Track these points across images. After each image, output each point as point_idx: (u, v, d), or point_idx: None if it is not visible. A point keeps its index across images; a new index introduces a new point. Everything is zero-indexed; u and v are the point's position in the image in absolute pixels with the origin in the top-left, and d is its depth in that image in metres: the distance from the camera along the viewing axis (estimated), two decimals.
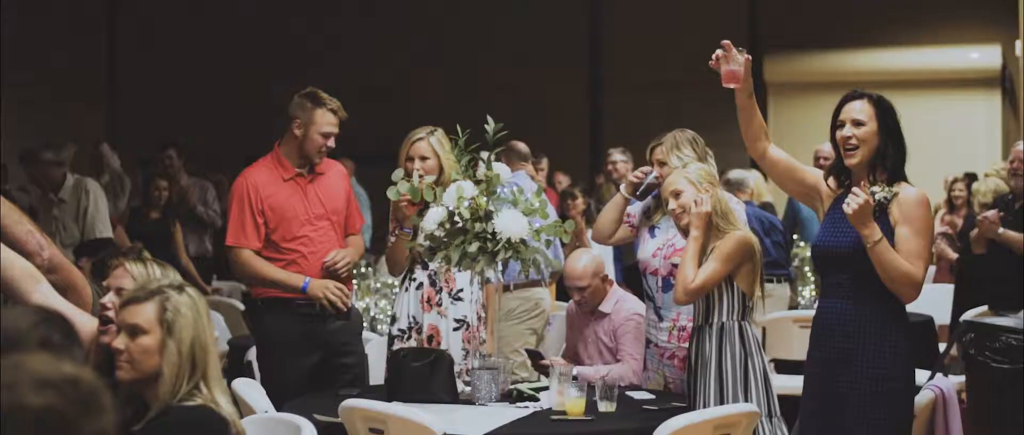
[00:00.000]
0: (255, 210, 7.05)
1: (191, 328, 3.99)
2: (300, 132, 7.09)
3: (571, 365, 6.79)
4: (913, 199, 5.55)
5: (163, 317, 3.99)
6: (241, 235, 7.07)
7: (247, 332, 10.17)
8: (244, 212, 7.07)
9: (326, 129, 7.08)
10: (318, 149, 7.11)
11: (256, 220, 7.06)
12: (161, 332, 3.98)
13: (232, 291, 12.13)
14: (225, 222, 7.92)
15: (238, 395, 6.07)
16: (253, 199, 7.07)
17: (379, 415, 5.62)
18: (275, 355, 7.12)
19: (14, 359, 2.07)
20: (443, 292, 7.00)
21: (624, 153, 11.87)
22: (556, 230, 6.57)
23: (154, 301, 4.01)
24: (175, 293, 4.03)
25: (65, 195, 10.56)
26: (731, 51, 5.91)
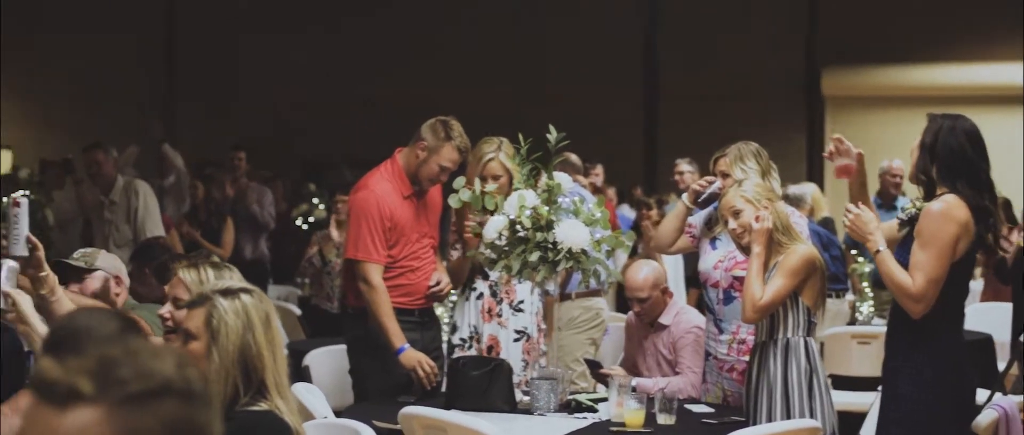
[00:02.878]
0: (383, 226, 7.03)
1: (238, 335, 3.96)
2: (422, 155, 7.07)
3: (630, 376, 6.77)
4: (931, 211, 5.57)
5: (209, 323, 3.99)
6: (371, 250, 7.02)
7: (303, 336, 10.20)
8: (373, 227, 7.03)
9: (446, 163, 7.06)
10: (431, 178, 7.10)
11: (382, 235, 7.04)
12: (208, 338, 3.97)
13: (289, 295, 12.16)
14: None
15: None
16: (380, 214, 7.04)
17: (438, 423, 5.61)
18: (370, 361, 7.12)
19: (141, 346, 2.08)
20: (503, 303, 7.01)
21: (691, 163, 11.82)
22: (617, 241, 6.56)
23: (204, 307, 4.02)
24: (224, 299, 4.01)
25: (115, 196, 10.60)
26: (843, 144, 5.95)
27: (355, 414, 6.00)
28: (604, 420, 6.15)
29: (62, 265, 5.97)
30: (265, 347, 3.99)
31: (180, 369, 2.04)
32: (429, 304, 7.24)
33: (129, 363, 2.02)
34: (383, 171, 7.18)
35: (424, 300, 7.19)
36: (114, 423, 1.97)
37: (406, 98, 8.17)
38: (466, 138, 7.10)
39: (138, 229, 10.45)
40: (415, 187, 7.16)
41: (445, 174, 7.09)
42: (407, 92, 18.22)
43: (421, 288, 7.14)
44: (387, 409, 6.09)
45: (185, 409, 2.02)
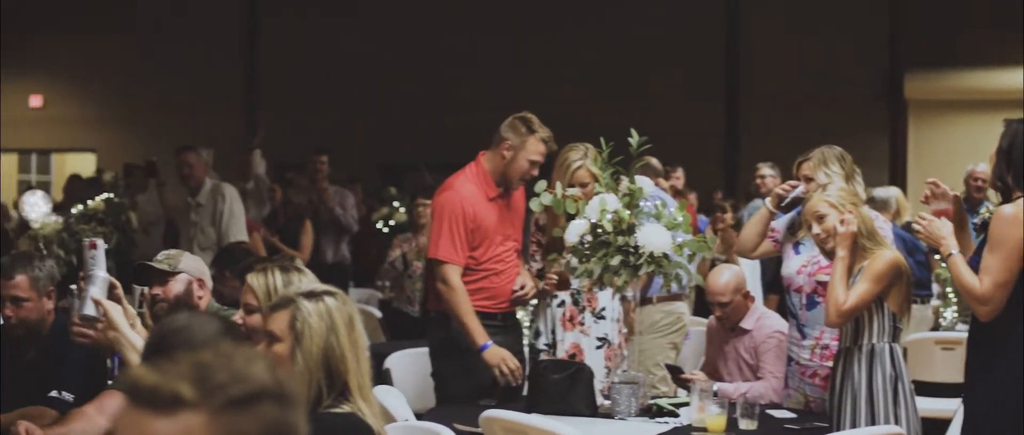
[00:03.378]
0: (466, 227, 7.04)
1: (321, 338, 3.98)
2: (508, 154, 7.08)
3: (711, 381, 6.74)
4: (1002, 215, 5.57)
5: (293, 326, 4.00)
6: (452, 251, 7.02)
7: (384, 339, 10.24)
8: (456, 228, 7.04)
9: (534, 157, 7.07)
10: (522, 175, 7.10)
11: (465, 237, 7.05)
12: (291, 340, 3.99)
13: (369, 298, 12.19)
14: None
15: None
16: (464, 215, 7.05)
17: (519, 426, 5.61)
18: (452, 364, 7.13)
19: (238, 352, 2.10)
20: (586, 311, 7.00)
21: (773, 167, 11.75)
22: (699, 245, 6.54)
23: (287, 309, 4.03)
24: (307, 302, 4.03)
25: (202, 199, 10.69)
26: (939, 188, 5.99)
27: (436, 417, 6.02)
28: (685, 425, 6.14)
29: (145, 268, 6.02)
30: (348, 349, 4.01)
31: (273, 372, 2.07)
32: (512, 308, 7.23)
33: (225, 368, 2.05)
34: (467, 173, 7.18)
35: (507, 304, 7.19)
36: (216, 427, 2.00)
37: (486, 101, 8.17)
38: (548, 130, 7.11)
39: (223, 233, 10.53)
40: (500, 189, 7.16)
41: (535, 167, 7.09)
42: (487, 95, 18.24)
43: (505, 292, 7.13)
44: (468, 412, 6.09)
45: (281, 411, 2.05)
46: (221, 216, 10.61)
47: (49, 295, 6.05)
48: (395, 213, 14.34)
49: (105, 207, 10.09)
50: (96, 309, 4.65)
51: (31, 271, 5.98)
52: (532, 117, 7.13)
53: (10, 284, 5.94)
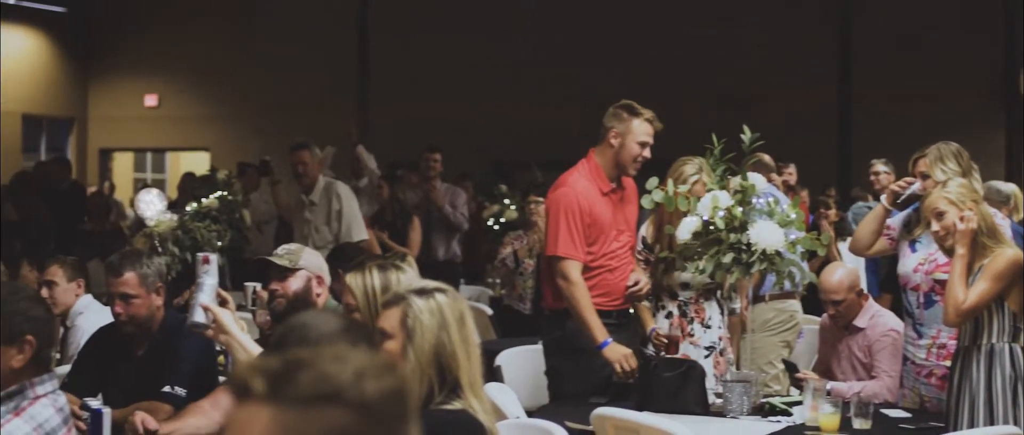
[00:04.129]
0: (582, 222, 7.03)
1: (433, 335, 3.98)
2: (617, 142, 7.05)
3: (824, 380, 6.67)
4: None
5: (405, 323, 4.01)
6: (571, 247, 7.01)
7: (495, 337, 10.24)
8: (573, 223, 7.03)
9: (643, 138, 7.04)
10: (634, 158, 7.06)
11: (582, 232, 7.03)
12: (403, 337, 4.00)
13: (480, 295, 12.21)
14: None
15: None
16: (580, 210, 7.04)
17: (631, 424, 5.59)
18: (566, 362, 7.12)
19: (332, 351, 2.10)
20: (695, 322, 6.97)
21: (887, 164, 11.61)
22: (812, 242, 6.47)
23: (399, 307, 4.04)
24: (419, 299, 4.03)
25: (316, 197, 10.75)
26: None
27: (547, 414, 6.01)
28: (798, 424, 6.08)
29: (265, 263, 6.05)
30: (459, 346, 4.01)
31: (359, 379, 2.04)
32: (627, 305, 7.19)
33: (310, 367, 2.04)
34: (581, 169, 7.16)
35: (622, 300, 7.15)
36: (275, 422, 2.01)
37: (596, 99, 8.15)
38: (651, 111, 7.07)
39: (343, 232, 10.57)
40: (613, 184, 7.13)
41: (646, 149, 7.04)
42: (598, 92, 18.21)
43: (619, 288, 7.10)
44: (579, 410, 6.08)
45: (352, 420, 2.02)
46: (337, 215, 10.66)
47: (158, 292, 6.10)
48: (506, 210, 14.34)
49: (219, 205, 10.17)
50: (205, 316, 4.69)
51: (140, 268, 6.03)
52: (632, 102, 7.10)
53: (119, 281, 6.00)
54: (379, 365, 2.08)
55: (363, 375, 2.04)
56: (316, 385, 2.02)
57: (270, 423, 2.01)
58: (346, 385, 2.03)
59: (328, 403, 2.01)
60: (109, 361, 6.08)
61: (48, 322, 4.17)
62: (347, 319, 3.51)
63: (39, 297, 4.33)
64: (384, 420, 2.05)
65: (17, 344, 4.06)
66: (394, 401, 2.06)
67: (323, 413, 2.01)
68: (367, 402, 2.03)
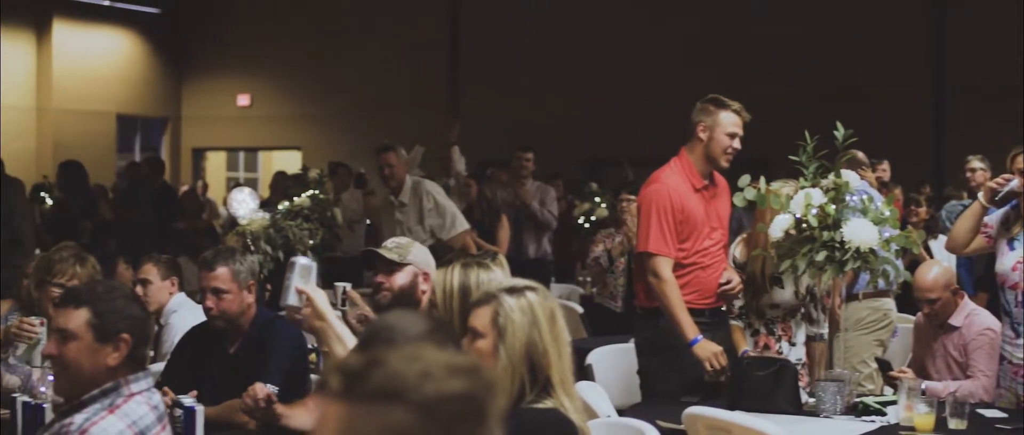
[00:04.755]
0: (674, 218, 7.00)
1: (525, 333, 3.98)
2: (705, 135, 7.01)
3: (919, 379, 6.60)
4: None
5: (496, 321, 4.00)
6: (662, 243, 6.97)
7: (585, 335, 10.22)
8: (665, 220, 7.00)
9: (731, 129, 6.99)
10: (724, 150, 7.01)
11: (674, 229, 7.00)
12: (494, 336, 3.99)
13: (571, 294, 12.20)
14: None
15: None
16: (672, 207, 7.01)
17: (723, 423, 5.55)
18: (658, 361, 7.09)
19: (408, 351, 2.11)
20: (782, 340, 6.92)
21: (983, 161, 11.47)
22: (906, 240, 6.40)
23: (491, 305, 4.03)
24: (510, 298, 4.03)
25: (405, 197, 10.77)
26: None
27: (638, 413, 5.98)
28: (892, 423, 6.01)
29: (373, 254, 6.04)
30: (551, 344, 4.00)
31: (423, 379, 2.05)
32: (719, 303, 7.14)
33: (382, 366, 2.07)
34: (672, 165, 7.12)
35: (713, 299, 7.10)
36: (343, 419, 2.05)
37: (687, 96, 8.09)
38: (738, 103, 7.02)
39: (448, 225, 10.61)
40: (705, 181, 7.09)
41: (735, 140, 6.98)
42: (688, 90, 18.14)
43: (712, 286, 7.05)
44: (670, 409, 6.05)
45: (410, 420, 2.03)
46: (433, 211, 10.68)
47: (250, 289, 6.16)
48: (596, 209, 14.31)
49: (310, 203, 10.24)
50: (299, 298, 4.63)
51: (232, 264, 6.10)
52: (718, 96, 7.06)
53: (211, 276, 6.07)
54: (451, 367, 2.08)
55: (429, 376, 2.05)
56: (381, 384, 2.05)
57: (340, 419, 2.05)
58: (410, 385, 2.04)
59: (390, 402, 2.04)
60: (202, 359, 6.13)
61: (144, 320, 4.20)
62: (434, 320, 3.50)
63: (135, 296, 4.36)
64: (446, 422, 2.05)
65: (113, 342, 4.09)
66: (460, 404, 2.06)
67: (384, 411, 2.03)
68: (428, 403, 2.04)
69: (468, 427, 2.07)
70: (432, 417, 2.04)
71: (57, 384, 4.31)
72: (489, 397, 2.09)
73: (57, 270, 6.44)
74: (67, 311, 4.15)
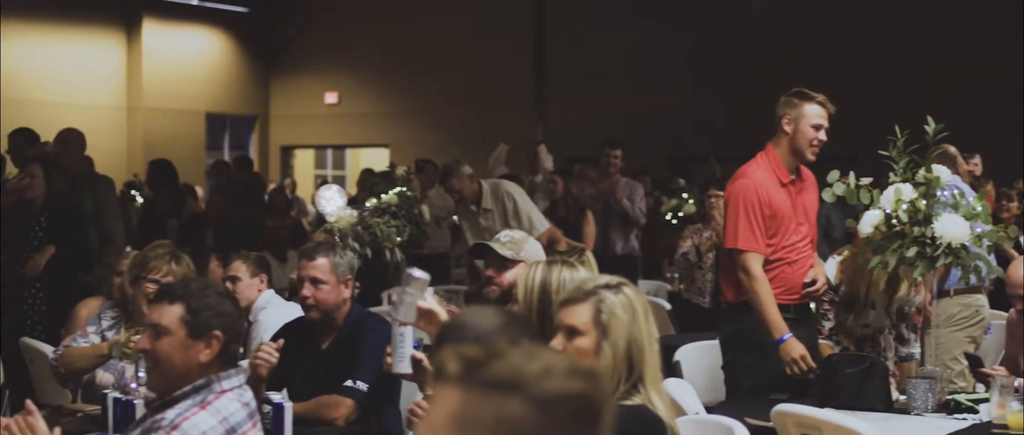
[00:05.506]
0: (762, 213, 6.96)
1: (626, 329, 3.97)
2: (790, 128, 6.96)
3: (1013, 377, 6.52)
4: None
5: (598, 318, 3.99)
6: (751, 239, 6.93)
7: (673, 331, 10.18)
8: (752, 215, 6.96)
9: (816, 121, 6.92)
10: (809, 142, 6.94)
11: (762, 224, 6.96)
12: (597, 334, 3.98)
13: (658, 290, 12.16)
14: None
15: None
16: (759, 201, 6.97)
17: (813, 421, 5.50)
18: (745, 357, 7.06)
19: (527, 348, 2.13)
20: None
21: None
22: (999, 236, 6.32)
23: (590, 302, 4.01)
24: (610, 294, 4.01)
25: (486, 204, 10.77)
26: None
27: (726, 410, 5.95)
28: (985, 421, 5.93)
29: (485, 248, 6.05)
30: (647, 340, 3.99)
31: (543, 376, 2.07)
32: (806, 300, 7.08)
33: (503, 357, 2.09)
34: (759, 160, 7.07)
35: (800, 295, 7.05)
36: (459, 403, 2.08)
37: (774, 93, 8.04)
38: (823, 95, 6.96)
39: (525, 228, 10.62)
40: (792, 176, 7.03)
41: (821, 132, 6.92)
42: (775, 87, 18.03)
43: (798, 282, 6.99)
44: (759, 406, 6.01)
45: (525, 412, 2.05)
46: (514, 213, 10.67)
47: (346, 284, 6.20)
48: (684, 204, 14.28)
49: (398, 201, 10.27)
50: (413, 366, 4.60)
51: (333, 256, 6.18)
52: (804, 89, 7.01)
53: (311, 265, 6.13)
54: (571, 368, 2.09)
55: (549, 373, 2.07)
56: (502, 374, 2.07)
57: (455, 403, 2.08)
58: (529, 379, 2.06)
59: (507, 392, 2.06)
60: (294, 355, 6.16)
61: (236, 317, 4.24)
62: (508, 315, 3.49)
63: (228, 293, 4.40)
64: (559, 420, 2.06)
65: (205, 339, 4.13)
66: (575, 404, 2.08)
67: (501, 401, 2.06)
68: (545, 399, 2.06)
69: (580, 428, 2.08)
70: (546, 414, 2.06)
71: (149, 379, 4.36)
72: (603, 402, 2.11)
73: (152, 267, 6.50)
74: (161, 307, 4.20)
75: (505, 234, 6.08)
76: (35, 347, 7.88)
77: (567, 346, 3.99)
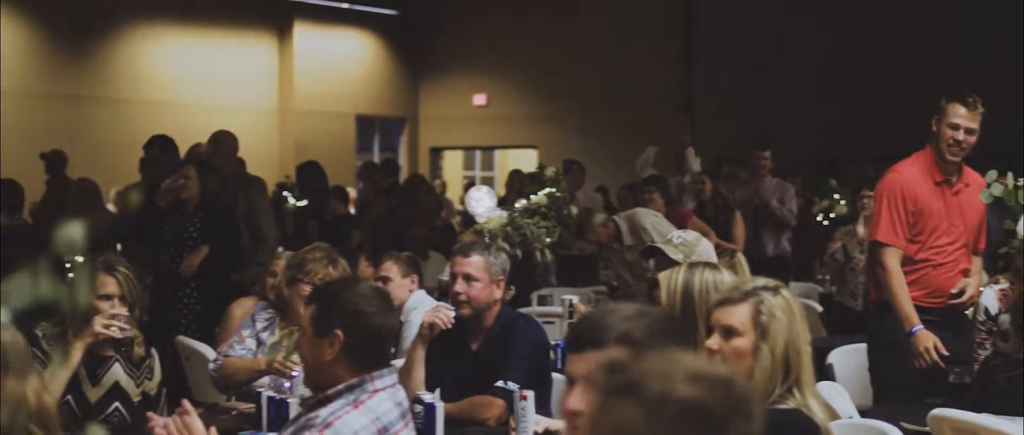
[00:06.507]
0: (906, 210, 6.87)
1: (785, 331, 3.93)
2: (935, 128, 6.90)
3: None
4: None
5: (757, 320, 3.95)
6: (891, 233, 6.88)
7: (824, 334, 10.08)
8: (894, 210, 6.89)
9: (954, 120, 6.82)
10: (947, 142, 6.85)
11: (905, 220, 6.88)
12: (755, 335, 3.94)
13: (809, 292, 12.04)
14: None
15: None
16: (904, 196, 6.89)
17: (971, 426, 5.40)
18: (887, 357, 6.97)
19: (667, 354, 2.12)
20: None
21: None
22: None
23: (748, 303, 3.98)
24: (769, 295, 3.98)
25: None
26: None
27: (880, 414, 5.86)
28: None
29: (656, 251, 6.03)
30: (804, 344, 3.96)
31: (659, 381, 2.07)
32: (951, 309, 6.94)
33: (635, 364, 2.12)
34: (914, 158, 6.99)
35: (945, 301, 6.91)
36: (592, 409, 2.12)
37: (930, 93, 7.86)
38: (975, 96, 6.83)
39: None
40: (947, 175, 6.91)
41: (959, 132, 6.80)
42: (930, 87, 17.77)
43: (945, 287, 6.87)
44: (915, 410, 5.91)
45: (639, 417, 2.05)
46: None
47: (498, 284, 6.21)
48: (835, 206, 14.11)
49: (547, 202, 10.27)
50: None
51: (487, 255, 6.20)
52: (960, 89, 6.89)
53: (465, 261, 6.16)
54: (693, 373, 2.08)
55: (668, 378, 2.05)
56: (621, 381, 2.09)
57: (591, 410, 2.13)
58: (645, 384, 2.07)
59: (624, 397, 2.07)
60: (444, 356, 6.18)
61: (367, 316, 4.24)
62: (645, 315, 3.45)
63: (376, 293, 4.42)
64: (666, 424, 2.05)
65: (328, 338, 4.18)
66: (685, 409, 2.07)
67: (619, 406, 2.07)
68: (655, 403, 2.05)
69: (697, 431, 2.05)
70: (656, 417, 2.05)
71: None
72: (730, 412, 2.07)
73: (309, 270, 6.57)
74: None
75: (677, 236, 6.05)
76: (190, 346, 8.01)
77: (723, 346, 3.95)
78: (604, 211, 12.91)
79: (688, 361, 2.11)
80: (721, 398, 2.07)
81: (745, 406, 2.11)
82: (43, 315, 5.87)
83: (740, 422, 2.08)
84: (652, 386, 2.05)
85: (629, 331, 3.03)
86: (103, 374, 5.84)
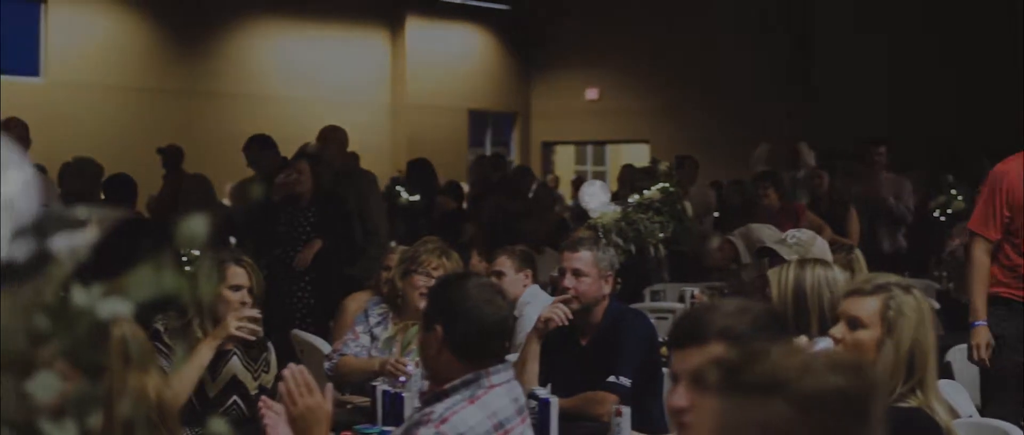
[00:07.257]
0: (1001, 201, 6.80)
1: (912, 330, 3.91)
2: None
3: None
4: None
5: (885, 314, 3.93)
6: (982, 223, 6.84)
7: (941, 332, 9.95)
8: (991, 201, 6.83)
9: None
10: None
11: (1001, 212, 6.81)
12: (881, 329, 3.92)
13: (926, 289, 11.89)
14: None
15: None
16: (1001, 188, 6.82)
17: None
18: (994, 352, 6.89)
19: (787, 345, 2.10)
20: None
21: None
22: None
23: (878, 297, 3.97)
24: (900, 292, 3.96)
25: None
26: None
27: (999, 413, 5.77)
28: None
29: (769, 251, 6.01)
30: (931, 345, 3.92)
31: (803, 373, 2.02)
32: None
33: (763, 359, 2.05)
34: None
35: None
36: (720, 412, 2.04)
37: None
38: None
39: None
40: None
41: None
42: None
43: None
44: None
45: (788, 414, 2.00)
46: None
47: (607, 280, 6.20)
48: (953, 201, 13.93)
49: (660, 196, 10.23)
50: None
51: (596, 250, 6.21)
52: None
53: (574, 256, 6.17)
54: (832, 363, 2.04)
55: (809, 370, 2.02)
56: (762, 376, 2.03)
57: (718, 413, 2.04)
58: (790, 378, 2.02)
59: (768, 394, 2.01)
60: (555, 351, 6.18)
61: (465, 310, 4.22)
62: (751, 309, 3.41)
63: (489, 286, 4.41)
64: (822, 419, 2.01)
65: (432, 333, 4.20)
66: (837, 401, 2.03)
67: (763, 404, 2.01)
68: (806, 398, 2.01)
69: (845, 425, 2.03)
70: (808, 413, 2.01)
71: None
72: (870, 396, 2.04)
73: (423, 261, 6.61)
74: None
75: (792, 235, 6.01)
76: (306, 339, 8.07)
77: (847, 336, 3.94)
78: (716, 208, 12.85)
79: (811, 352, 2.09)
80: (863, 384, 2.05)
81: (878, 390, 2.09)
82: (161, 309, 5.93)
83: (877, 404, 2.06)
84: (798, 381, 2.01)
85: (730, 326, 3.01)
86: (222, 368, 5.89)
